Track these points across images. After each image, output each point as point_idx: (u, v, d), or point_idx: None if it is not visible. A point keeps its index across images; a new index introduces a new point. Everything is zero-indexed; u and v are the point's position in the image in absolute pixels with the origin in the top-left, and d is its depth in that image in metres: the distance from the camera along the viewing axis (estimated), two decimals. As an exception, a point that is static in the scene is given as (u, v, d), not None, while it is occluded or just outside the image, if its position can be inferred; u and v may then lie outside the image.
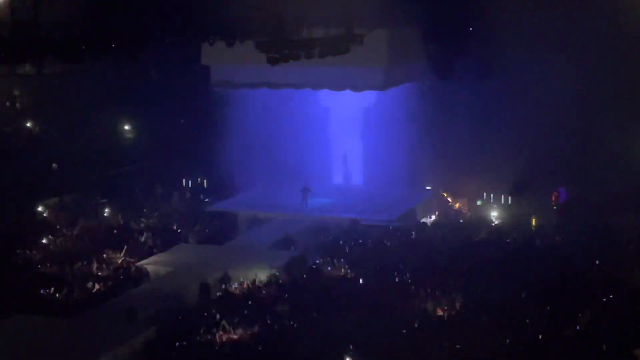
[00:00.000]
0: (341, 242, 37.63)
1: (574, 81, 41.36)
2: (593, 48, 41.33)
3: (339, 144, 48.57)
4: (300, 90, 45.89)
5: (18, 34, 26.71)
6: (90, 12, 27.82)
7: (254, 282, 32.13)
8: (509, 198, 45.10)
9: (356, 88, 43.50)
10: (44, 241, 38.19)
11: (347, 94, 45.84)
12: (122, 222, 41.50)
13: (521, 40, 42.40)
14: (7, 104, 50.97)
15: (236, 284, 32.18)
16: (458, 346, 25.16)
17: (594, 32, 40.98)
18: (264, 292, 31.16)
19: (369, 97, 46.32)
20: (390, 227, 39.43)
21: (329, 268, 33.67)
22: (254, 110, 47.04)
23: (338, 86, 43.27)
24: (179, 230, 40.46)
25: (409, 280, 31.49)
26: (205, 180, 50.17)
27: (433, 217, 44.80)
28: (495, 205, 44.99)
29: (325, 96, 47.14)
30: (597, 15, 40.66)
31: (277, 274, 32.98)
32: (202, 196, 47.65)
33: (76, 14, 27.80)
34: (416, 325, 27.11)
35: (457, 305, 28.84)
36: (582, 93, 41.70)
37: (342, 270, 33.31)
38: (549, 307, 28.05)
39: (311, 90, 46.21)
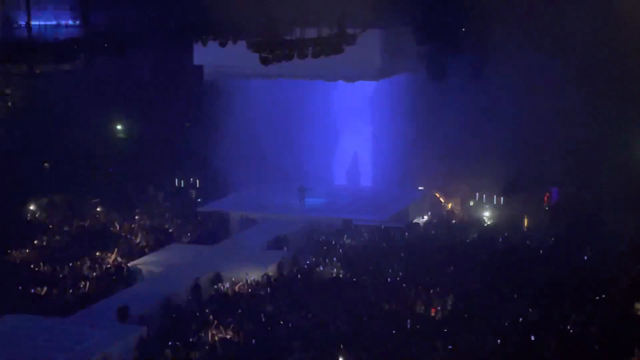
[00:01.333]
0: (333, 242, 37.64)
1: (567, 82, 41.46)
2: (587, 49, 41.41)
3: (334, 145, 48.66)
4: (296, 92, 46.01)
5: (10, 33, 26.68)
6: (82, 12, 27.79)
7: (246, 282, 32.10)
8: (501, 198, 45.18)
9: (349, 79, 43.43)
10: (36, 241, 38.14)
11: (343, 97, 46.05)
12: (114, 222, 41.45)
13: (514, 40, 42.45)
14: (-1, 103, 50.89)
15: (228, 284, 32.15)
16: (450, 346, 25.18)
17: (588, 33, 41.06)
18: (255, 291, 31.13)
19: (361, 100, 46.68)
20: (383, 227, 39.43)
21: (321, 268, 33.67)
22: (248, 112, 47.04)
23: (331, 77, 43.04)
24: (171, 230, 40.41)
25: (402, 280, 31.49)
26: (197, 180, 50.14)
27: (425, 217, 44.84)
28: (487, 206, 45.06)
29: (320, 100, 47.33)
30: (591, 15, 40.73)
31: (270, 274, 32.97)
32: (194, 196, 47.64)
33: (68, 13, 27.76)
34: (408, 325, 27.13)
35: (449, 305, 28.86)
36: (575, 94, 41.77)
37: (335, 270, 33.31)
38: (540, 307, 28.08)
39: (307, 94, 46.31)
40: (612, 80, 41.37)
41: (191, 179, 50.05)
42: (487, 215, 43.91)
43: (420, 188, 47.57)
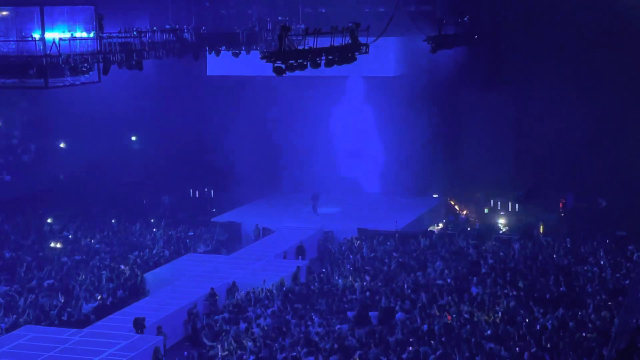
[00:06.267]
0: (348, 251, 37.64)
1: (581, 88, 41.37)
2: (601, 55, 41.32)
3: (348, 152, 48.75)
4: (306, 102, 46.05)
5: (24, 47, 26.94)
6: (97, 24, 28.01)
7: (261, 291, 32.14)
8: (516, 205, 45.08)
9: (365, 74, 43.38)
10: (52, 252, 38.35)
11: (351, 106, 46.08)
12: (129, 233, 41.62)
13: (528, 48, 42.44)
14: (15, 116, 51.22)
15: (244, 293, 32.19)
16: (467, 354, 25.15)
17: (602, 38, 40.99)
18: (271, 301, 31.15)
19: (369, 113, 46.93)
20: (397, 235, 39.39)
21: (336, 277, 33.68)
22: (261, 122, 47.22)
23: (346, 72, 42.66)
24: (187, 240, 40.52)
25: (417, 288, 31.45)
26: (212, 191, 50.30)
27: (441, 225, 44.82)
28: (502, 213, 44.97)
29: (329, 107, 47.44)
30: (605, 20, 40.69)
31: (285, 283, 33.00)
32: (209, 206, 47.77)
33: (82, 26, 28.02)
34: (424, 332, 27.09)
35: (465, 312, 28.80)
36: (589, 100, 41.69)
37: (350, 278, 33.29)
38: (556, 315, 28.00)
39: (316, 102, 46.36)
40: (630, 87, 41.24)
41: (206, 189, 50.27)
42: (502, 222, 43.83)
43: (434, 196, 47.55)
